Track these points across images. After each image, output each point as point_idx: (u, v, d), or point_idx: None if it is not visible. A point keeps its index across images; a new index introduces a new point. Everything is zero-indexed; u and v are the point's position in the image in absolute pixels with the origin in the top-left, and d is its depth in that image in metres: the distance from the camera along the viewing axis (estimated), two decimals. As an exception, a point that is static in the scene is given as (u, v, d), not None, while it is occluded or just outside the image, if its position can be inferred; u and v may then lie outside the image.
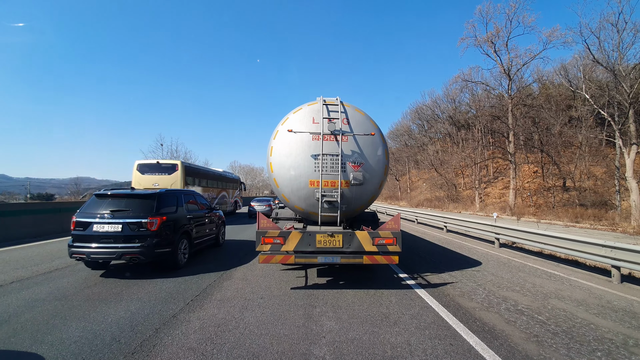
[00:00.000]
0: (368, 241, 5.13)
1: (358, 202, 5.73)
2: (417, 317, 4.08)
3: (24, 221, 10.67)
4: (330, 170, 5.42)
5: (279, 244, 5.10)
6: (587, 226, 16.59)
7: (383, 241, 5.14)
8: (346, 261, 5.13)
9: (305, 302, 4.56)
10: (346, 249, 5.15)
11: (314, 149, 5.42)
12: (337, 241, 5.14)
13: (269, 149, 5.76)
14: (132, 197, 6.22)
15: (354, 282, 5.63)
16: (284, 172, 5.57)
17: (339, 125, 5.44)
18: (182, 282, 5.55)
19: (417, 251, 8.89)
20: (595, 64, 20.09)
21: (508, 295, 5.12)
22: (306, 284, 5.52)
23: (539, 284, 5.80)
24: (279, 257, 5.11)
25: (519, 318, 4.17)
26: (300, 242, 5.13)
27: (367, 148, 5.58)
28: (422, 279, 5.95)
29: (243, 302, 4.55)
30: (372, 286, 5.42)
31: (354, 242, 5.15)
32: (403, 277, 6.02)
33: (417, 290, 5.23)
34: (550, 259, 8.27)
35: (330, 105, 5.66)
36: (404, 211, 21.59)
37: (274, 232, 5.12)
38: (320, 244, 5.13)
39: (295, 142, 5.48)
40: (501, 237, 9.68)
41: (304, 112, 5.69)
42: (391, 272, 6.41)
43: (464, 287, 5.51)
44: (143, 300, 4.55)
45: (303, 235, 5.15)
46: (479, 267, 7.12)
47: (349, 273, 6.22)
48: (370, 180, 5.62)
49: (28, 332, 3.53)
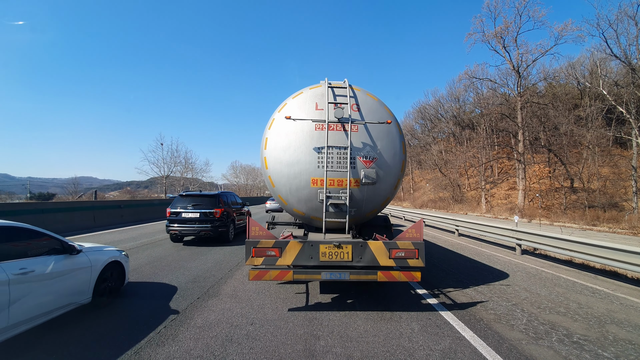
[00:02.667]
0: (384, 253, 4.16)
1: (370, 205, 4.74)
2: (450, 354, 3.16)
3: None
4: (336, 167, 4.47)
5: (274, 257, 4.15)
6: (606, 230, 15.59)
7: (402, 254, 4.16)
8: (357, 278, 4.16)
9: (305, 331, 3.63)
10: (357, 263, 4.17)
11: (317, 140, 4.47)
12: (345, 253, 4.17)
13: (263, 140, 4.83)
14: (202, 196, 9.50)
15: (364, 301, 4.71)
16: (280, 169, 4.63)
17: (348, 112, 4.46)
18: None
19: (432, 259, 7.95)
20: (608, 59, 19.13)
21: (554, 320, 4.18)
22: (307, 304, 4.58)
23: (585, 304, 4.86)
24: (273, 272, 4.15)
25: (581, 356, 3.24)
26: (300, 254, 4.17)
27: (382, 140, 4.59)
28: (446, 297, 5.01)
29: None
30: (387, 306, 4.49)
31: (367, 254, 4.17)
32: (422, 294, 5.09)
33: (442, 313, 4.29)
34: (583, 269, 7.33)
35: (336, 89, 4.70)
36: (408, 213, 20.65)
37: (267, 242, 4.16)
38: (324, 256, 4.16)
39: (294, 132, 4.53)
40: (523, 243, 8.73)
41: (305, 97, 4.72)
42: (407, 286, 5.48)
43: (498, 307, 4.57)
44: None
45: (304, 246, 4.19)
46: (506, 280, 6.17)
47: (358, 287, 5.29)
48: (385, 178, 4.64)
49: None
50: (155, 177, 40.89)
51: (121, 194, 71.79)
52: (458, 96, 46.30)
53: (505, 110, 31.52)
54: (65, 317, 3.78)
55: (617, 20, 17.79)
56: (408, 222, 19.25)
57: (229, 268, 6.52)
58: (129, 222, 14.57)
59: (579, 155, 28.85)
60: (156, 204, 20.62)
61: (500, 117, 32.60)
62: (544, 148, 31.12)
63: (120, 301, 4.52)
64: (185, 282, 5.51)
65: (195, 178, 46.69)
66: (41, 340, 3.32)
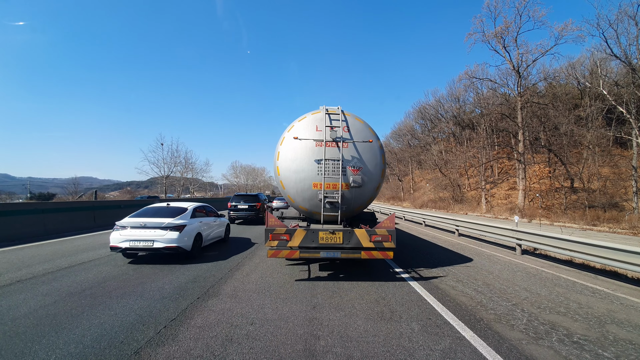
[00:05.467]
0: (366, 238, 5.50)
1: (357, 202, 6.13)
2: (449, 354, 3.16)
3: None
4: (331, 174, 5.84)
5: (285, 240, 5.52)
6: (606, 230, 15.58)
7: (379, 238, 5.50)
8: (346, 256, 5.51)
9: (305, 331, 3.63)
10: (346, 245, 5.52)
11: (317, 154, 5.85)
12: (337, 238, 5.53)
13: (276, 153, 6.15)
14: (248, 195, 16.36)
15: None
16: (289, 175, 5.99)
17: (340, 133, 5.85)
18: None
19: (431, 259, 7.94)
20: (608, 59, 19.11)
21: (554, 320, 4.17)
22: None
23: (585, 304, 4.86)
24: (285, 252, 5.55)
25: (582, 356, 3.23)
26: (305, 238, 5.53)
27: (366, 154, 5.96)
28: (443, 294, 5.01)
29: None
30: (392, 318, 4.48)
31: (353, 238, 5.52)
32: (415, 278, 5.09)
33: (440, 311, 4.28)
34: (583, 269, 7.33)
35: (332, 114, 6.01)
36: (408, 213, 20.63)
37: (281, 229, 5.55)
38: (322, 240, 5.53)
39: (300, 148, 5.90)
40: (523, 243, 8.72)
41: (308, 121, 6.06)
42: (404, 280, 5.47)
43: (498, 307, 4.57)
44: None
45: (307, 233, 5.54)
46: (508, 280, 6.16)
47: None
48: (369, 183, 6.00)
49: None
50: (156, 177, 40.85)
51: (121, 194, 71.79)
52: (458, 96, 46.31)
53: (506, 110, 31.50)
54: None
55: (617, 20, 17.80)
56: (408, 221, 19.25)
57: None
58: (129, 222, 14.57)
59: (579, 155, 28.81)
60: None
61: (500, 117, 32.58)
62: (544, 148, 31.10)
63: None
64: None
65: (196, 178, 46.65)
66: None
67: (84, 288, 4.97)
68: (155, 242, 6.47)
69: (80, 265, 6.43)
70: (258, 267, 6.61)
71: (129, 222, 6.68)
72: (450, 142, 49.59)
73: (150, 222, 6.68)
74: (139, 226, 6.58)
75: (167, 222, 6.73)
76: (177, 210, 7.46)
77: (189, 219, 7.31)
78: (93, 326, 3.59)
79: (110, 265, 6.50)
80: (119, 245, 6.45)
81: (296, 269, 6.42)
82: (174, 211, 7.36)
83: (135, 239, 6.46)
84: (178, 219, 6.99)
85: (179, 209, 7.56)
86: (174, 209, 7.48)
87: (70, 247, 8.45)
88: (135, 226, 6.58)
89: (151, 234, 6.51)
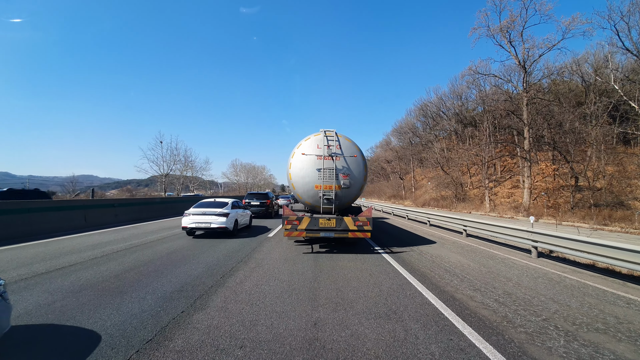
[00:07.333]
0: (351, 223, 7.77)
1: (346, 199, 8.45)
2: None
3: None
4: (328, 179, 8.10)
5: (295, 225, 7.77)
6: (619, 230, 14.99)
7: (361, 223, 7.76)
8: (338, 235, 7.85)
9: (304, 357, 3.05)
10: (338, 228, 7.77)
11: (318, 165, 8.11)
12: (332, 223, 7.78)
13: (288, 164, 8.44)
14: (259, 194, 19.62)
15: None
16: (298, 180, 8.29)
17: (334, 150, 8.14)
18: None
19: (443, 264, 7.36)
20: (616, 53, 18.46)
21: (597, 340, 3.58)
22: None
23: (623, 318, 4.27)
24: (295, 232, 7.81)
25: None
26: (309, 223, 7.77)
27: (352, 164, 8.24)
28: (459, 305, 4.42)
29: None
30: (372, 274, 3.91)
31: (343, 223, 7.77)
32: (422, 292, 4.50)
33: (462, 329, 3.70)
34: (608, 274, 6.75)
35: (328, 136, 8.21)
36: (412, 212, 20.06)
37: (293, 217, 7.84)
38: (321, 224, 7.78)
39: (306, 160, 8.17)
40: (539, 245, 8.14)
41: (311, 141, 8.30)
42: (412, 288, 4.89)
43: (528, 324, 3.97)
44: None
45: (311, 219, 7.80)
46: (531, 291, 5.57)
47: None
48: (354, 185, 8.31)
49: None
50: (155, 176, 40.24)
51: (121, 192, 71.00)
52: (460, 93, 45.66)
53: (510, 107, 30.82)
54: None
55: (629, 12, 17.11)
56: (412, 221, 18.68)
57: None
58: (123, 222, 14.02)
59: (584, 154, 28.17)
60: (157, 202, 19.93)
61: (504, 114, 31.92)
62: (548, 146, 30.46)
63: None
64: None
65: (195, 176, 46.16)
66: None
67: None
68: (212, 224, 9.78)
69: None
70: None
71: (194, 211, 9.99)
72: (452, 140, 48.95)
73: (208, 211, 10.00)
74: (200, 213, 9.88)
75: (219, 211, 10.01)
76: (222, 203, 10.72)
77: (231, 209, 10.50)
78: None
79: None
80: (188, 226, 9.80)
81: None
82: (220, 204, 10.60)
83: (199, 221, 9.81)
84: (225, 209, 10.26)
85: (223, 202, 10.82)
86: (219, 203, 10.79)
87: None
88: (197, 213, 9.90)
89: (208, 219, 9.83)
